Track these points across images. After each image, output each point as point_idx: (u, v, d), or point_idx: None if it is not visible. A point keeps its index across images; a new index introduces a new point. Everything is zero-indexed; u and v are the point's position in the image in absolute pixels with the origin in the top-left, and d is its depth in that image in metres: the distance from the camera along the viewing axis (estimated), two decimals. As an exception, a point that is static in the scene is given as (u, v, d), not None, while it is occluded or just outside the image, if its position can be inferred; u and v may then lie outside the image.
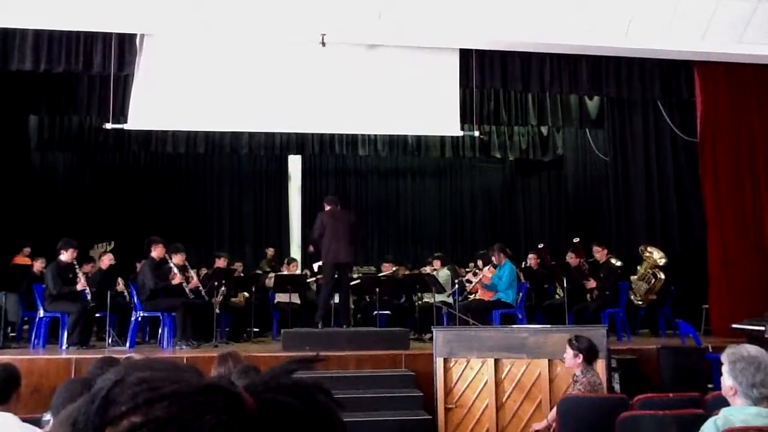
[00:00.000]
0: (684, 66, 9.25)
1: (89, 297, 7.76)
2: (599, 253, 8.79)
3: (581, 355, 4.68)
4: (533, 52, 8.90)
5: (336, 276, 8.04)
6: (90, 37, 8.27)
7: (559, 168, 13.66)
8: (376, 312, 9.03)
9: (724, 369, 2.78)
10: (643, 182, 10.17)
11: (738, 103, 9.24)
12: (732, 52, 8.80)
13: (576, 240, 9.64)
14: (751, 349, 2.77)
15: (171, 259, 8.02)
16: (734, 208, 9.05)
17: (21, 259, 9.01)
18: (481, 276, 8.65)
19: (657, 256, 8.95)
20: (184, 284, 7.93)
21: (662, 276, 8.85)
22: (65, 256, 7.78)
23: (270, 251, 12.03)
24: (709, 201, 9.13)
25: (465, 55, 8.84)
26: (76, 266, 7.86)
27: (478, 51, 8.82)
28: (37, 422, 3.12)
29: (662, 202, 10.04)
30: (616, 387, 6.26)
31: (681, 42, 8.66)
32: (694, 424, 2.93)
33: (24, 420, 3.12)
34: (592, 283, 8.58)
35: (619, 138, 10.53)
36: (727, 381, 2.77)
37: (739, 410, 2.67)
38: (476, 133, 10.17)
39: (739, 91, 9.25)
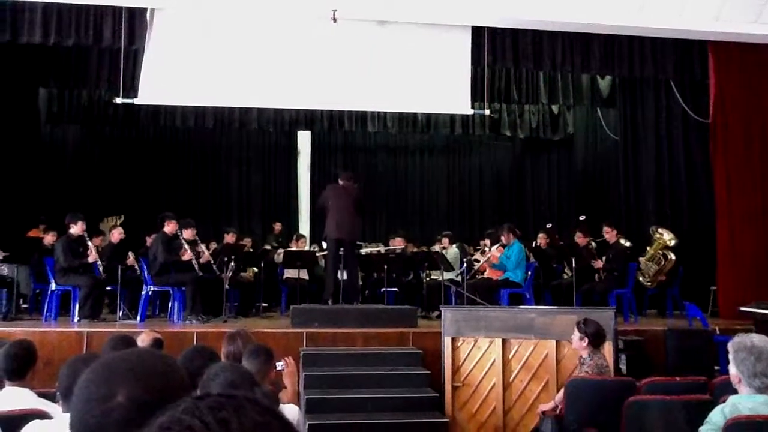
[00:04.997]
0: (698, 46, 9.12)
1: (101, 269, 7.84)
2: (609, 234, 8.74)
3: (587, 339, 4.71)
4: (545, 30, 8.80)
5: (340, 253, 8.02)
6: (100, 11, 8.21)
7: (569, 147, 13.59)
8: (384, 289, 9.07)
9: (730, 357, 2.82)
10: (653, 162, 10.12)
11: (752, 84, 9.13)
12: (747, 32, 8.68)
13: (582, 218, 9.51)
14: (755, 339, 2.80)
15: (182, 233, 8.07)
16: (744, 190, 8.99)
17: (35, 233, 9.08)
18: (489, 255, 8.66)
19: (667, 237, 8.92)
20: (194, 261, 7.99)
21: (673, 257, 8.83)
22: (75, 229, 7.84)
23: (277, 226, 12.02)
24: (719, 182, 9.06)
25: (477, 32, 8.76)
26: (87, 239, 7.92)
27: (489, 29, 8.73)
28: (52, 397, 3.17)
29: (672, 182, 9.99)
30: (623, 368, 6.30)
31: (695, 21, 8.54)
32: (701, 410, 2.96)
33: (40, 395, 3.18)
34: (599, 263, 8.57)
35: (630, 117, 10.47)
36: (731, 369, 2.81)
37: (747, 398, 2.70)
38: (487, 112, 10.06)
39: (753, 72, 9.12)
